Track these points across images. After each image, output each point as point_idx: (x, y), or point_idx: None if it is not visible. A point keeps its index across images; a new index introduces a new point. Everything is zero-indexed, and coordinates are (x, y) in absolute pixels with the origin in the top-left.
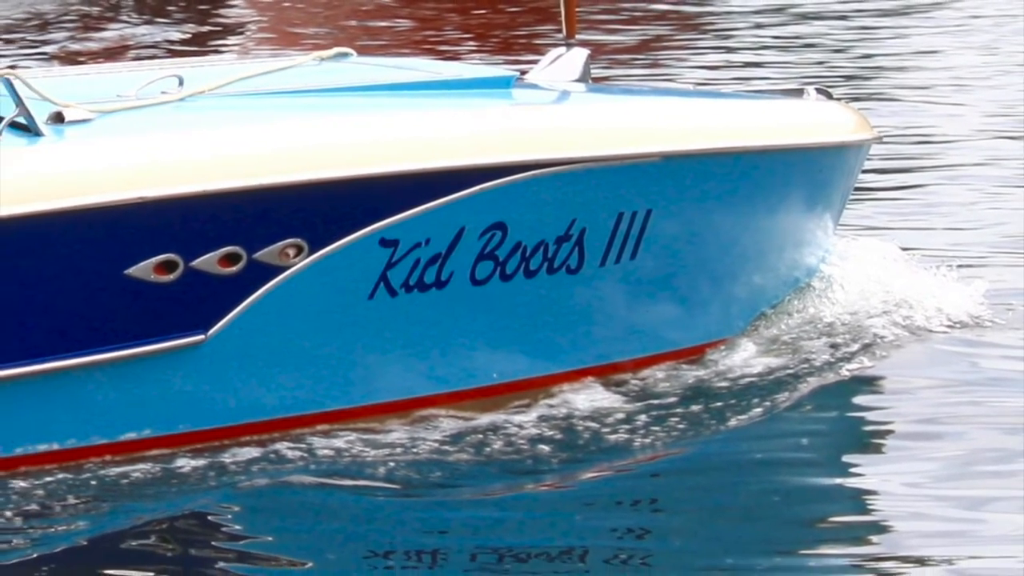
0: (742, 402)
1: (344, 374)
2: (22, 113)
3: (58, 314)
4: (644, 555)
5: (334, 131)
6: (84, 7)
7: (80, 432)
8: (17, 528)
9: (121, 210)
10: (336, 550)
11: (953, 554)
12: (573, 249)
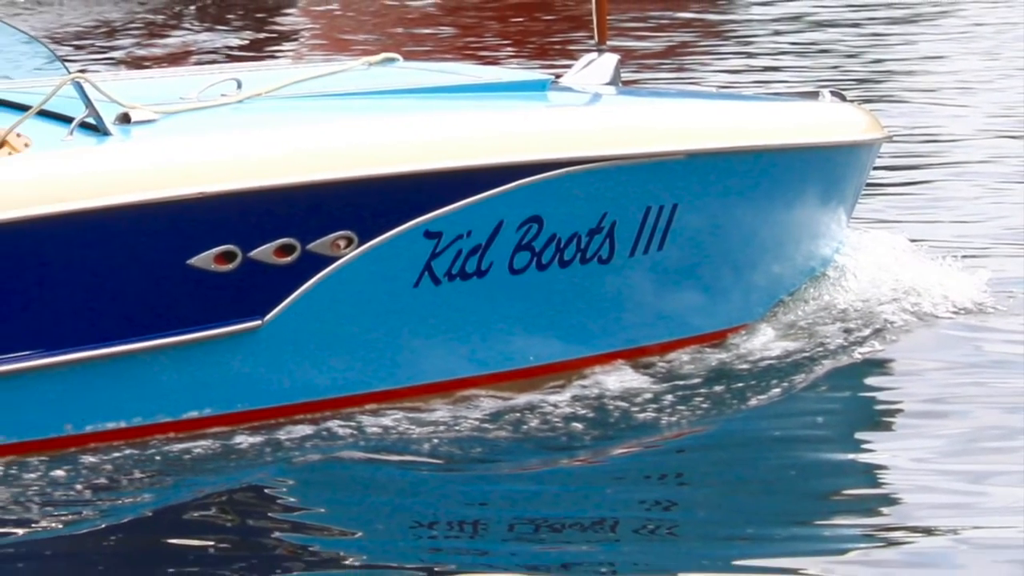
0: (761, 383)
1: (391, 357)
2: (91, 114)
3: (125, 301)
4: (670, 525)
5: (382, 131)
6: (149, 15)
7: (146, 411)
8: (87, 500)
9: (184, 204)
10: (383, 521)
11: (958, 524)
12: (604, 241)
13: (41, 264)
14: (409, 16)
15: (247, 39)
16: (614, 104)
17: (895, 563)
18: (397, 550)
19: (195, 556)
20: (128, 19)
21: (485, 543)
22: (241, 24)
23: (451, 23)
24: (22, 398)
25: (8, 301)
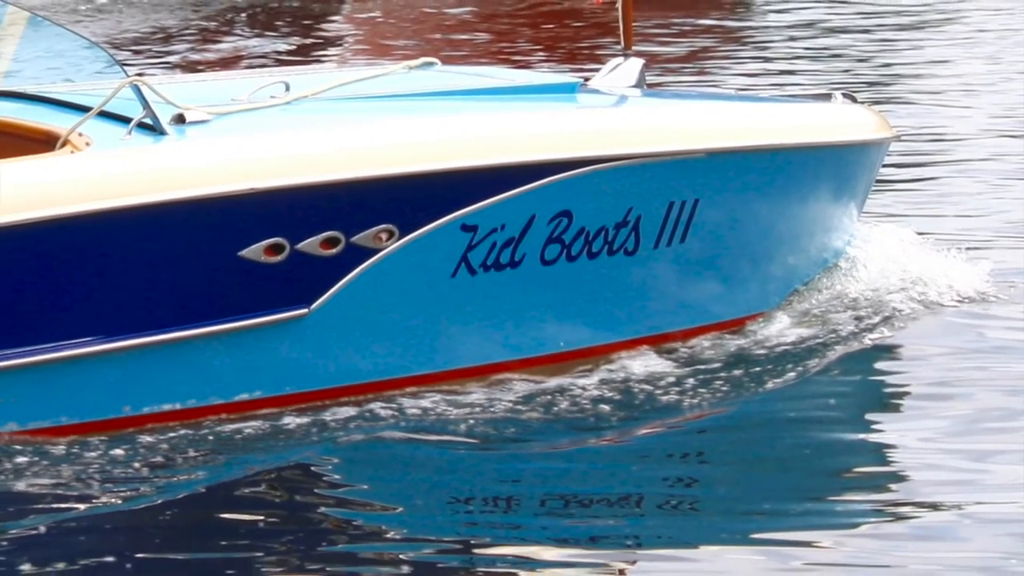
0: (777, 367)
1: (430, 343)
2: (148, 115)
3: (181, 290)
4: (692, 501)
5: (421, 130)
6: (203, 22)
7: (199, 393)
8: (144, 477)
9: (235, 199)
10: (423, 497)
11: (962, 500)
12: (630, 234)
13: (101, 256)
14: (447, 23)
15: (294, 44)
16: (639, 106)
17: (903, 536)
18: (435, 524)
19: (245, 530)
20: (183, 26)
21: (518, 518)
22: (289, 30)
23: (486, 29)
24: (84, 381)
25: (71, 291)
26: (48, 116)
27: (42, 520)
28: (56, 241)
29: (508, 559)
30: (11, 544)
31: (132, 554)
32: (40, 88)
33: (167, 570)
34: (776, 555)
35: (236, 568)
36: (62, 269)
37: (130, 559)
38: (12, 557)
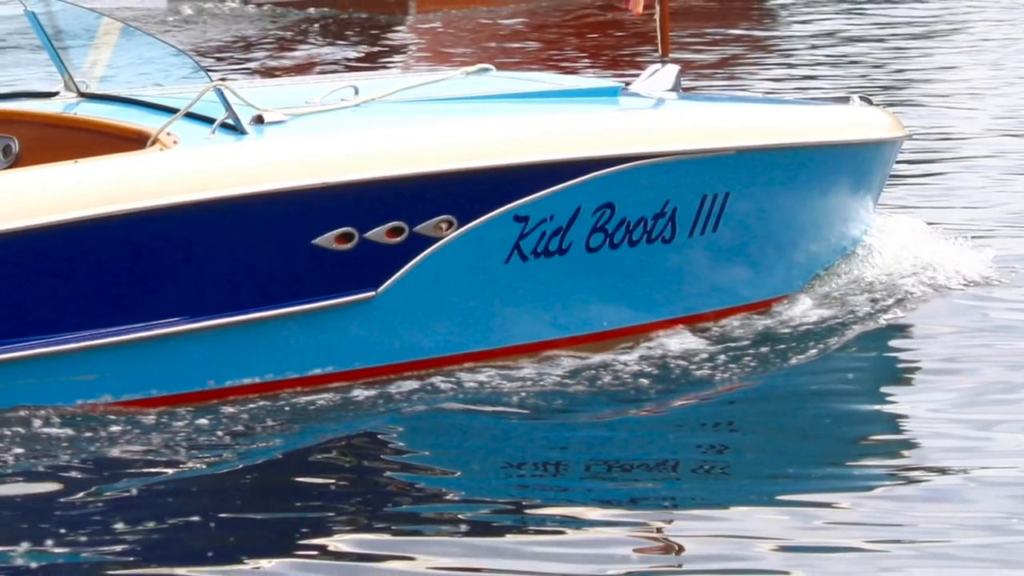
0: (800, 345)
1: (485, 323)
2: (230, 116)
3: (260, 275)
4: (723, 466)
5: (477, 129)
6: (280, 32)
7: (277, 368)
8: (226, 445)
9: (309, 193)
10: (479, 462)
11: (968, 465)
12: (667, 223)
13: (188, 244)
14: (501, 33)
15: (363, 52)
16: (675, 108)
17: (914, 498)
18: (490, 487)
19: (318, 492)
20: (262, 35)
21: (565, 481)
22: (358, 39)
23: (536, 38)
24: (173, 357)
25: (161, 275)
26: (139, 117)
27: (134, 483)
28: (147, 231)
29: (556, 519)
30: (106, 505)
31: (215, 514)
32: (132, 91)
33: (247, 529)
34: (799, 515)
35: (309, 527)
36: (152, 256)
37: (213, 519)
38: (107, 517)
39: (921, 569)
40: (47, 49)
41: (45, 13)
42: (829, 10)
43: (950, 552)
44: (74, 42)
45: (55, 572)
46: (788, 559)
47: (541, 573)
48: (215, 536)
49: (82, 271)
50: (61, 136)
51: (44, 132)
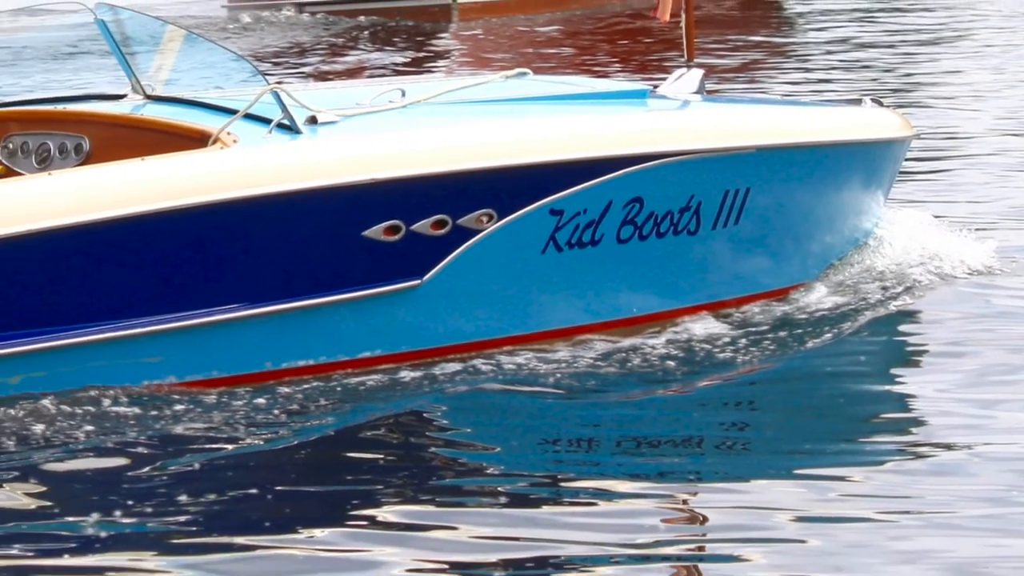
0: (816, 329)
1: (523, 309)
2: (286, 117)
3: (313, 264)
4: (744, 442)
5: (516, 129)
6: (332, 38)
7: (329, 351)
8: (282, 422)
9: (360, 188)
10: (517, 439)
11: (972, 441)
12: (692, 217)
13: (246, 236)
14: (538, 39)
15: (409, 57)
16: (700, 109)
17: (921, 472)
18: (527, 462)
19: (368, 467)
20: (316, 41)
21: (597, 456)
22: (404, 45)
23: (571, 44)
24: (232, 341)
25: (222, 264)
26: (202, 118)
27: (196, 458)
28: (208, 224)
29: (589, 491)
30: (170, 478)
31: (272, 487)
32: (195, 94)
33: (301, 500)
34: (815, 488)
35: (359, 499)
36: (213, 247)
37: (270, 491)
38: (171, 490)
39: (928, 538)
40: (116, 55)
41: (114, 21)
42: (843, 18)
43: (955, 522)
44: (140, 48)
45: (124, 541)
46: (804, 528)
47: (575, 542)
48: (271, 507)
49: (148, 261)
50: (129, 135)
51: (113, 132)
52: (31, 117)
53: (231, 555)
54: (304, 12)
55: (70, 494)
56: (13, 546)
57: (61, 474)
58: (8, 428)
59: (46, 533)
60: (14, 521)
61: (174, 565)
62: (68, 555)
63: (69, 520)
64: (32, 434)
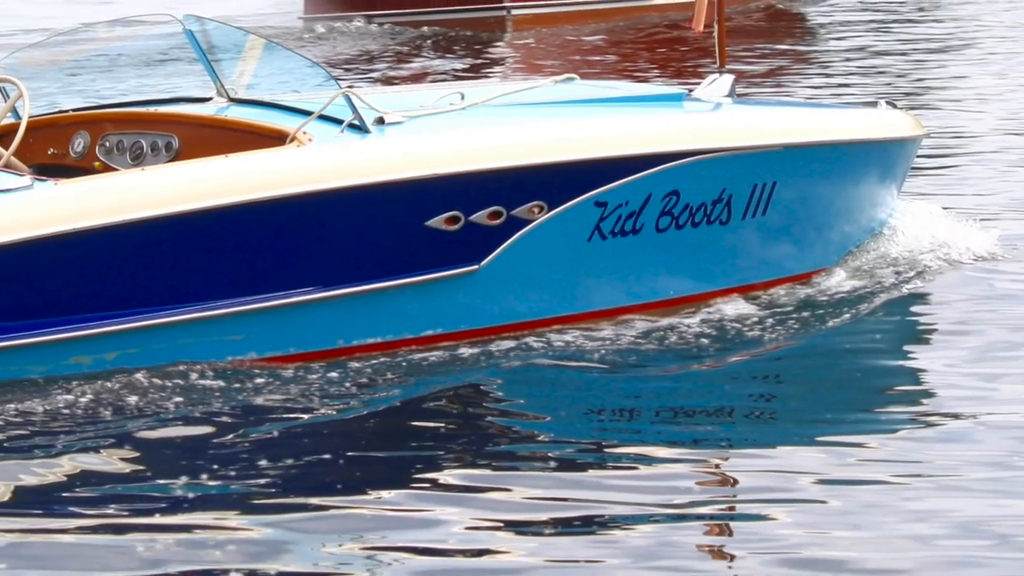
0: (836, 310)
1: (571, 291)
2: (356, 117)
3: (381, 251)
4: (770, 412)
5: (564, 129)
6: (398, 47)
7: (395, 330)
8: (353, 394)
9: (423, 182)
10: (565, 409)
11: (976, 411)
12: (724, 208)
13: (320, 225)
14: (584, 47)
15: (468, 64)
16: (731, 111)
17: (931, 439)
18: (574, 430)
19: (430, 434)
20: (383, 49)
21: (638, 425)
22: (464, 53)
23: (614, 52)
24: (308, 320)
25: (298, 251)
26: (280, 118)
27: (274, 427)
28: (286, 214)
29: (630, 456)
30: (251, 445)
31: (343, 452)
32: (274, 97)
33: (370, 465)
34: (835, 453)
35: (422, 463)
36: (290, 235)
37: (341, 456)
38: (252, 455)
39: (937, 499)
40: (202, 61)
41: (200, 31)
42: (860, 28)
43: (961, 485)
44: (224, 55)
45: (209, 501)
46: (825, 490)
47: (617, 502)
48: (343, 471)
49: (232, 248)
50: (214, 135)
51: (200, 131)
52: (126, 118)
53: (306, 514)
54: (373, 23)
55: (161, 459)
56: (110, 506)
57: (152, 441)
58: (105, 400)
59: (139, 494)
60: (110, 484)
61: (254, 523)
62: (159, 514)
63: (160, 483)
64: (126, 405)
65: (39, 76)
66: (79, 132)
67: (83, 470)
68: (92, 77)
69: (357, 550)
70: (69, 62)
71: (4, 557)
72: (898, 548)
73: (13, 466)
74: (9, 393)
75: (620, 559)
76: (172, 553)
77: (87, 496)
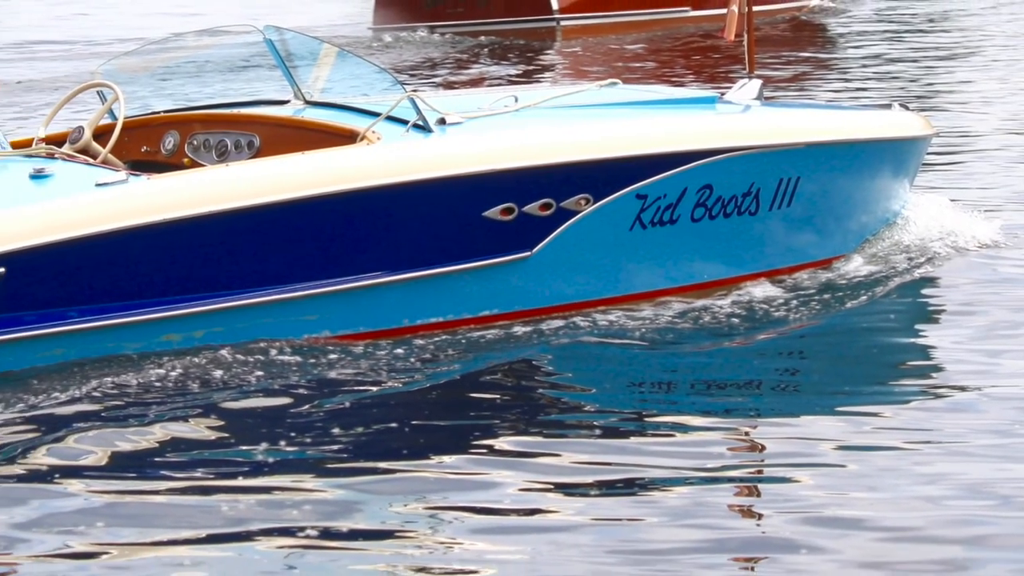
0: (854, 292)
1: (613, 276)
2: (420, 118)
3: (442, 238)
4: (795, 385)
5: (608, 129)
6: (458, 54)
7: (455, 310)
8: (417, 369)
9: (482, 176)
10: (608, 382)
11: (981, 384)
12: (753, 200)
13: (387, 216)
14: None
15: (521, 70)
16: (759, 112)
17: (939, 408)
18: (617, 400)
19: (486, 405)
20: (444, 57)
21: (674, 396)
22: (517, 60)
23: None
24: (376, 302)
25: (368, 239)
26: (351, 119)
27: (346, 398)
28: (356, 206)
29: (667, 425)
30: (324, 415)
31: (408, 421)
32: (345, 99)
33: (432, 432)
34: (853, 422)
35: (479, 431)
36: (361, 225)
37: (406, 424)
38: (325, 424)
39: (945, 463)
40: (280, 67)
41: (279, 40)
42: (876, 38)
43: (967, 450)
44: (301, 62)
45: (286, 466)
46: (844, 455)
47: (656, 466)
48: (407, 438)
49: (307, 236)
50: (292, 134)
51: (279, 131)
52: (212, 119)
53: (374, 477)
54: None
55: (243, 427)
56: (197, 469)
57: (235, 411)
58: (193, 373)
59: (223, 459)
60: (197, 449)
61: (328, 485)
62: (241, 477)
63: (242, 448)
64: (212, 378)
65: (133, 81)
66: (169, 131)
67: (173, 437)
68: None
69: (420, 509)
70: (160, 68)
71: (103, 516)
72: (910, 508)
73: (110, 433)
74: (107, 368)
75: (658, 518)
76: (253, 512)
77: (176, 460)
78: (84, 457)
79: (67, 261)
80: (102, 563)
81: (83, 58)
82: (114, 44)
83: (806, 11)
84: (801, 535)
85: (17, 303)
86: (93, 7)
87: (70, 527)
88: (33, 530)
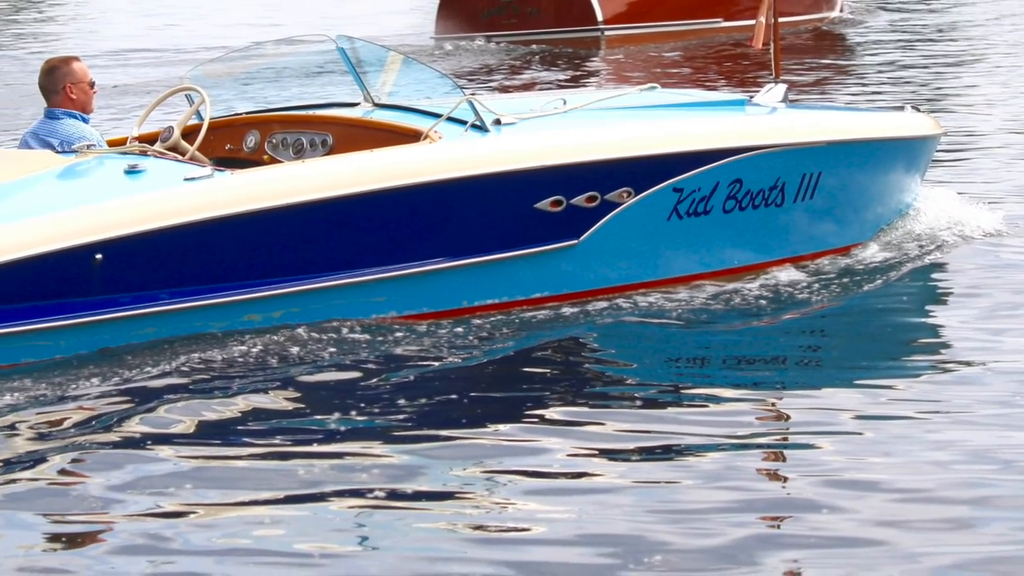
0: (870, 276)
1: (653, 262)
2: (478, 119)
3: (498, 227)
4: (816, 360)
5: (648, 128)
6: (512, 61)
7: (509, 293)
8: (474, 346)
9: (534, 172)
10: (648, 358)
11: (985, 359)
12: (778, 193)
13: (448, 207)
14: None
15: (569, 75)
16: (785, 114)
17: (948, 381)
18: (655, 375)
19: (537, 378)
20: (499, 63)
21: (708, 371)
22: (565, 66)
23: (688, 65)
24: (438, 285)
25: (430, 227)
26: (415, 120)
27: (410, 372)
28: (420, 198)
29: (702, 396)
30: (392, 387)
31: (466, 393)
32: (410, 102)
33: (488, 403)
34: (869, 393)
35: (531, 402)
36: (424, 214)
37: (465, 396)
38: (392, 396)
39: (952, 431)
40: (351, 73)
41: (350, 49)
42: (890, 46)
43: (973, 420)
44: (370, 68)
45: (356, 433)
46: (861, 424)
47: (691, 434)
48: (466, 408)
49: (376, 226)
50: (362, 133)
51: (350, 130)
52: (289, 119)
53: (436, 443)
54: (491, 42)
55: (317, 399)
56: (276, 437)
57: (310, 384)
58: (272, 350)
59: (299, 428)
60: (276, 419)
61: (393, 451)
62: (316, 444)
63: (316, 418)
64: (289, 354)
65: (218, 85)
66: (251, 131)
67: (254, 408)
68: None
69: (477, 472)
70: (243, 74)
71: (190, 478)
72: (921, 471)
73: (197, 404)
74: (194, 345)
75: (693, 480)
76: (326, 476)
77: (257, 429)
78: (173, 426)
79: (158, 248)
80: (190, 522)
81: (173, 64)
82: (201, 52)
83: (827, 22)
84: (822, 496)
85: (113, 286)
86: (182, 18)
87: (161, 489)
88: (128, 492)
